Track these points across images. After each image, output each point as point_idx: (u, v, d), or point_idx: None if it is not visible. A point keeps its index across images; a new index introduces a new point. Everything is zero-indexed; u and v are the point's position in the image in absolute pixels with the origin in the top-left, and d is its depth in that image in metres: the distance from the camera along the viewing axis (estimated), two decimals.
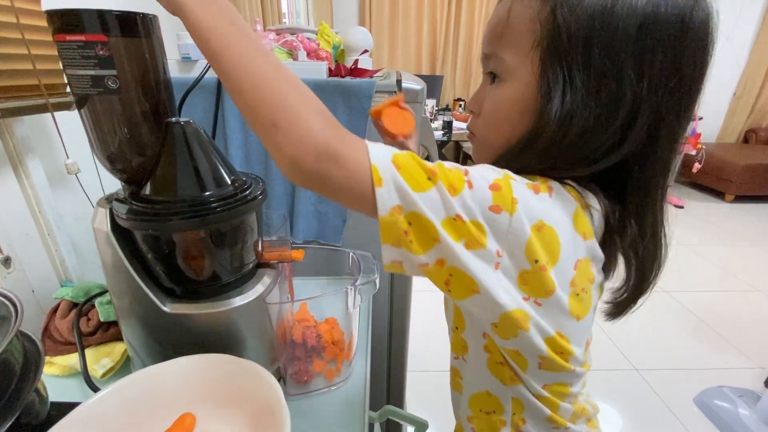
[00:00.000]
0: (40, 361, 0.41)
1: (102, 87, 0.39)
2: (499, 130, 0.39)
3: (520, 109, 0.36)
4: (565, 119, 0.33)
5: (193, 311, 0.47)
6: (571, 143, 0.34)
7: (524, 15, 0.35)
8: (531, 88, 0.35)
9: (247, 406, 0.42)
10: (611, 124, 0.33)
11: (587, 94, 0.33)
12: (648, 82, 0.33)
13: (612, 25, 0.32)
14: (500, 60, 0.37)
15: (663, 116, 0.34)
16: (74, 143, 0.72)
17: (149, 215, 0.42)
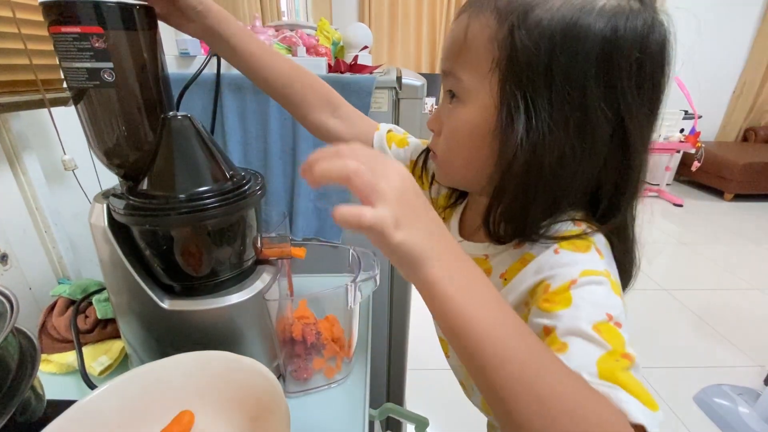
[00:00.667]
0: (36, 358, 0.40)
1: (98, 80, 0.39)
2: (459, 152, 0.38)
3: (479, 133, 0.36)
4: (535, 147, 0.32)
5: (192, 308, 0.46)
6: (554, 173, 0.33)
7: (482, 35, 0.34)
8: (490, 111, 0.34)
9: (247, 404, 0.41)
10: (590, 151, 0.33)
11: (554, 122, 0.32)
12: (613, 102, 0.32)
13: (572, 48, 0.31)
14: (458, 79, 0.36)
15: (630, 135, 0.33)
16: (71, 139, 0.71)
17: (147, 210, 0.41)
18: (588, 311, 0.30)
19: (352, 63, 0.82)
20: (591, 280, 0.32)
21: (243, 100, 0.77)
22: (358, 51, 0.89)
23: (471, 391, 0.54)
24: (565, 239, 0.35)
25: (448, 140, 0.39)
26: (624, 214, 0.37)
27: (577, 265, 0.33)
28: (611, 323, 0.29)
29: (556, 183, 0.34)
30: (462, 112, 0.36)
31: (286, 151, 0.80)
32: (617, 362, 0.27)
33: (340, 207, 0.25)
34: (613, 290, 0.32)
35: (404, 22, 3.52)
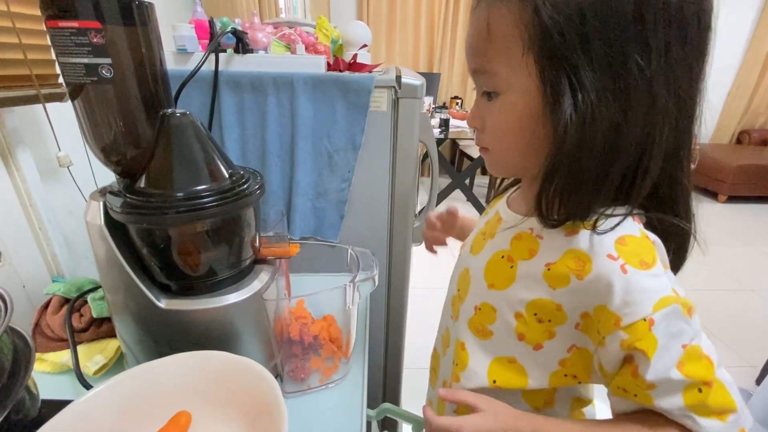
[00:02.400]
0: (30, 358, 0.40)
1: (96, 76, 0.38)
2: (511, 142, 0.38)
3: (528, 118, 0.35)
4: (584, 120, 0.31)
5: (189, 307, 0.46)
6: (606, 144, 0.32)
7: (505, 23, 0.33)
8: (532, 94, 0.34)
9: (245, 404, 0.41)
10: (640, 116, 0.31)
11: (600, 91, 0.31)
12: (657, 59, 0.31)
13: (605, 9, 0.29)
14: (492, 74, 0.36)
15: (679, 93, 0.32)
16: (66, 135, 0.70)
17: (144, 209, 0.41)
18: (670, 353, 0.33)
19: (352, 62, 0.82)
20: (666, 314, 0.33)
21: (241, 98, 0.76)
22: (357, 50, 0.88)
23: None
24: (624, 244, 0.34)
25: (496, 132, 0.38)
26: (680, 185, 0.37)
27: (649, 296, 0.33)
28: (690, 347, 0.33)
29: (608, 155, 0.32)
30: (505, 103, 0.36)
31: (284, 149, 0.80)
32: (700, 393, 0.33)
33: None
34: (683, 312, 0.33)
35: (402, 20, 3.51)
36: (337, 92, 0.75)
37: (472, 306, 0.45)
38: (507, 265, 0.42)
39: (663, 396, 0.34)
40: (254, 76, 0.74)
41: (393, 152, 0.81)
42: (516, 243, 0.42)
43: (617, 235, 0.35)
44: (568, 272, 0.36)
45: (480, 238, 0.49)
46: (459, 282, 0.50)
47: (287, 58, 0.78)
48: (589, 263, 0.35)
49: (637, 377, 0.34)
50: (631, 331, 0.33)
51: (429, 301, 2.00)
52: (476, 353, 0.44)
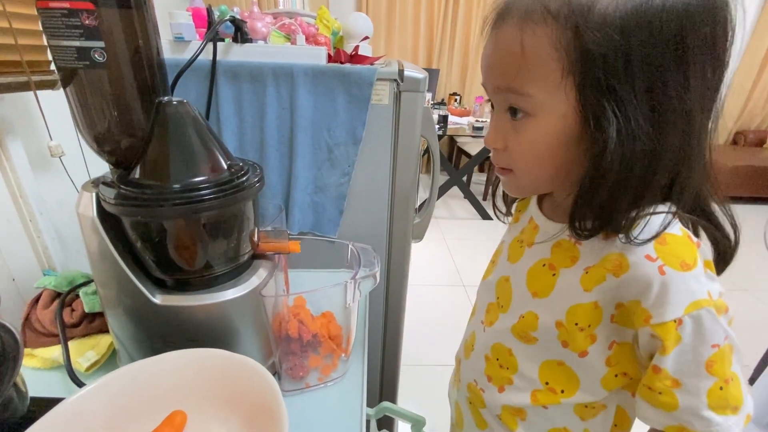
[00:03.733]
0: (18, 355, 0.38)
1: (88, 60, 0.36)
2: (542, 164, 0.37)
3: (562, 142, 0.34)
4: (625, 145, 0.31)
5: (185, 303, 0.44)
6: (645, 168, 0.32)
7: (542, 45, 0.32)
8: (570, 118, 0.33)
9: (242, 404, 0.40)
10: (675, 139, 0.32)
11: (642, 117, 0.31)
12: (696, 84, 0.31)
13: (648, 35, 0.29)
14: (525, 95, 0.34)
15: (709, 111, 0.33)
16: (58, 124, 0.68)
17: (139, 201, 0.39)
18: (699, 353, 0.34)
19: (353, 53, 0.80)
20: (696, 316, 0.33)
21: (239, 89, 0.74)
22: (359, 41, 0.86)
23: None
24: (664, 244, 0.34)
25: (525, 154, 0.37)
26: (707, 198, 0.37)
27: (683, 298, 0.33)
28: (720, 348, 0.34)
29: (646, 177, 0.33)
30: (537, 125, 0.35)
31: (283, 142, 0.78)
32: (721, 390, 0.34)
33: None
34: (717, 315, 0.33)
35: (402, 13, 3.48)
36: (338, 84, 0.73)
37: (516, 314, 0.45)
38: (549, 273, 0.42)
39: (687, 395, 0.34)
40: (253, 67, 0.73)
41: (394, 147, 0.80)
42: (557, 251, 0.42)
43: (653, 229, 0.34)
44: (605, 272, 0.36)
45: (517, 245, 0.48)
46: (498, 289, 0.49)
47: (287, 49, 0.76)
48: (626, 262, 0.35)
49: (660, 372, 0.35)
50: (659, 330, 0.34)
51: (426, 298, 2.00)
52: (525, 358, 0.45)
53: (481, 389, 0.50)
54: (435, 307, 1.95)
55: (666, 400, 0.35)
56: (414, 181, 0.84)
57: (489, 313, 0.50)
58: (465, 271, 2.30)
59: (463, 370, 0.55)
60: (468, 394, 0.54)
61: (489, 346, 0.49)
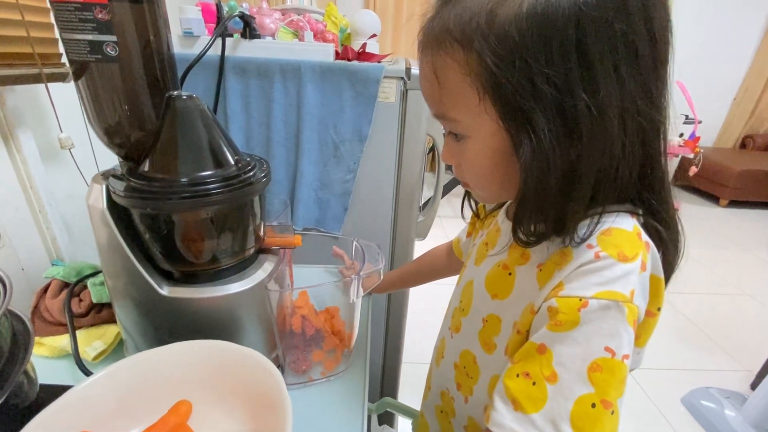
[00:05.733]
0: (29, 342, 0.39)
1: (100, 54, 0.37)
2: (490, 178, 0.37)
3: (500, 156, 0.34)
4: (545, 158, 0.31)
5: (191, 295, 0.45)
6: (566, 179, 0.32)
7: (453, 71, 0.32)
8: (498, 137, 0.33)
9: (247, 395, 0.40)
10: (593, 148, 0.31)
11: (554, 131, 0.30)
12: (606, 87, 0.29)
13: (546, 49, 0.28)
14: (454, 121, 0.35)
15: (637, 111, 0.31)
16: (68, 117, 0.69)
17: (148, 193, 0.40)
18: (590, 345, 0.31)
19: (360, 51, 0.80)
20: (606, 306, 0.31)
21: (247, 84, 0.75)
22: (366, 39, 0.86)
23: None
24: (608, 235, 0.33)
25: (472, 172, 0.38)
26: (662, 199, 0.36)
27: (600, 282, 0.31)
28: (610, 357, 0.31)
29: (569, 186, 0.32)
30: (473, 145, 0.35)
31: (289, 138, 0.79)
32: (592, 408, 0.30)
33: None
34: (627, 318, 0.31)
35: (409, 14, 3.46)
36: (345, 81, 0.74)
37: (479, 318, 0.44)
38: (505, 274, 0.41)
39: (557, 394, 0.31)
40: (261, 63, 0.73)
41: (400, 145, 0.80)
42: (512, 251, 0.42)
43: (604, 227, 0.34)
44: (554, 268, 0.35)
45: (483, 248, 0.48)
46: (462, 294, 0.49)
47: (295, 45, 0.76)
48: (571, 254, 0.34)
49: (545, 353, 0.32)
50: (563, 304, 0.32)
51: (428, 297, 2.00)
52: (485, 368, 0.44)
53: (452, 398, 0.49)
54: (437, 305, 1.95)
55: (536, 395, 0.32)
56: (419, 179, 0.84)
57: (454, 318, 0.50)
58: None
59: (434, 377, 0.54)
60: (440, 402, 0.52)
61: (458, 353, 0.47)
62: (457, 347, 0.48)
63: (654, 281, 0.34)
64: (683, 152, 3.22)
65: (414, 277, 0.74)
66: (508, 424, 0.32)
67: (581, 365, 0.31)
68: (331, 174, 0.82)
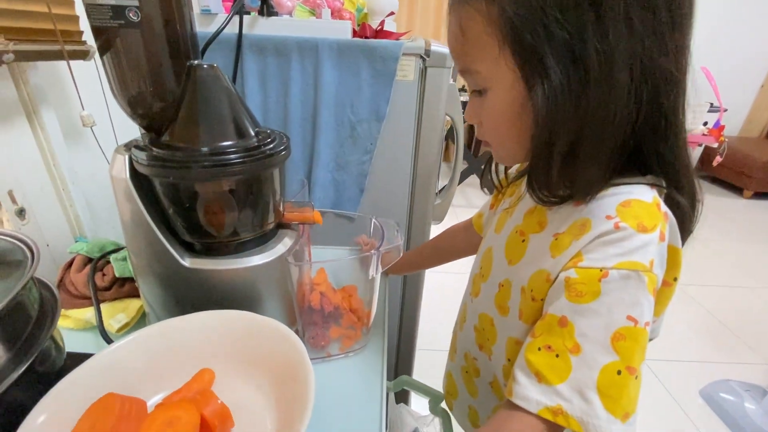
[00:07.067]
0: (56, 309, 0.40)
1: (123, 19, 0.36)
2: (506, 133, 0.38)
3: (518, 109, 0.35)
4: (550, 107, 0.32)
5: (213, 267, 0.45)
6: (584, 126, 0.32)
7: (476, 23, 0.34)
8: (515, 85, 0.34)
9: (270, 364, 0.40)
10: (600, 96, 0.31)
11: (565, 76, 0.31)
12: (615, 32, 0.30)
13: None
14: (476, 73, 0.36)
15: (647, 65, 0.31)
16: (89, 96, 0.69)
17: (169, 162, 0.40)
18: (612, 315, 0.31)
19: (378, 29, 0.78)
20: (626, 276, 0.31)
21: (264, 63, 0.74)
22: (384, 17, 0.85)
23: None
24: (627, 207, 0.33)
25: (494, 127, 0.39)
26: (678, 154, 0.35)
27: (621, 252, 0.32)
28: (632, 326, 0.31)
29: (590, 137, 0.32)
30: (494, 99, 0.36)
31: (306, 118, 0.78)
32: (618, 376, 0.31)
33: None
34: (647, 287, 0.31)
35: None
36: (362, 59, 0.72)
37: (496, 283, 0.45)
38: (519, 240, 0.42)
39: (581, 364, 0.31)
40: (278, 41, 0.72)
41: (418, 124, 0.79)
42: (528, 217, 0.43)
43: (623, 198, 0.34)
44: (571, 238, 0.36)
45: (504, 216, 0.49)
46: (482, 260, 0.51)
47: (312, 23, 0.75)
48: (589, 225, 0.34)
49: (566, 326, 0.32)
50: (582, 274, 0.32)
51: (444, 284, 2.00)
52: (501, 330, 0.45)
53: (475, 358, 0.52)
54: (451, 294, 1.94)
55: (560, 366, 0.32)
56: (437, 160, 0.83)
57: (474, 284, 0.52)
58: None
59: (459, 340, 0.57)
60: (464, 363, 0.55)
61: (476, 316, 0.50)
62: (476, 311, 0.50)
63: (672, 251, 0.35)
64: (707, 141, 3.11)
65: (433, 256, 0.74)
66: (533, 396, 0.33)
67: (604, 335, 0.31)
68: (348, 155, 0.81)
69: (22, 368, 0.34)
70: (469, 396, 0.55)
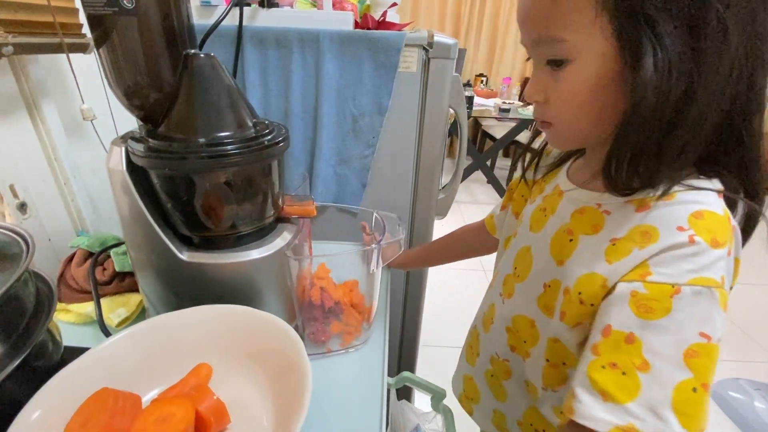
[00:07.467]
0: (52, 302, 0.39)
1: (117, 6, 0.36)
2: (583, 110, 0.35)
3: (604, 82, 0.32)
4: (663, 79, 0.29)
5: (211, 261, 0.44)
6: (686, 106, 0.30)
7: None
8: (607, 57, 0.31)
9: (267, 359, 0.40)
10: (720, 74, 0.29)
11: (681, 45, 0.28)
12: (735, 23, 0.28)
13: None
14: (558, 42, 0.33)
15: (763, 38, 0.29)
16: (88, 90, 0.69)
17: (166, 153, 0.39)
18: (684, 332, 0.30)
19: (381, 19, 0.77)
20: (698, 292, 0.30)
21: (265, 55, 0.73)
22: (387, 8, 0.83)
23: None
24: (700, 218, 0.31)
25: (566, 103, 0.36)
26: (755, 165, 0.34)
27: (694, 269, 0.30)
28: (705, 342, 0.30)
29: (687, 119, 0.30)
30: (577, 71, 0.33)
31: (307, 111, 0.77)
32: (693, 393, 0.30)
33: None
34: (720, 303, 0.30)
35: None
36: (364, 50, 0.71)
37: (540, 284, 0.43)
38: (566, 239, 0.40)
39: (652, 382, 0.30)
40: (279, 32, 0.71)
41: (421, 117, 0.77)
42: (578, 217, 0.40)
43: (695, 208, 0.32)
44: (632, 246, 0.34)
45: (540, 214, 0.47)
46: (516, 260, 0.48)
47: (314, 14, 0.74)
48: (656, 234, 0.32)
49: (633, 343, 0.31)
50: (652, 290, 0.31)
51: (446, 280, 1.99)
52: (542, 332, 0.43)
53: (505, 360, 0.50)
54: (455, 290, 1.93)
55: (627, 384, 0.31)
56: (440, 154, 0.82)
57: (506, 284, 0.50)
58: (485, 255, 2.26)
59: (483, 343, 0.55)
60: (490, 366, 0.53)
61: (509, 318, 0.48)
62: (508, 312, 0.48)
63: (735, 263, 0.34)
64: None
65: (442, 254, 0.72)
66: (599, 415, 0.31)
67: (676, 352, 0.30)
68: (350, 149, 0.80)
69: (17, 361, 0.34)
70: (494, 400, 0.53)
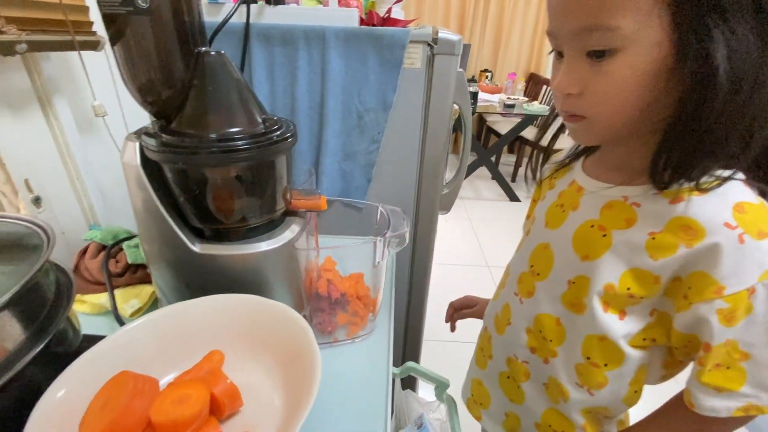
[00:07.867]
0: (71, 291, 0.41)
1: (131, 6, 0.37)
2: (625, 103, 0.34)
3: (652, 77, 0.31)
4: (738, 69, 0.28)
5: (222, 252, 0.46)
6: (752, 101, 0.29)
7: None
8: (664, 47, 0.30)
9: (277, 347, 0.41)
10: None
11: (751, 33, 0.28)
12: None
13: None
14: (608, 30, 0.31)
15: None
16: (100, 87, 0.70)
17: (178, 148, 0.40)
18: (766, 321, 0.33)
19: (386, 16, 0.78)
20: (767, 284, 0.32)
21: (271, 52, 0.74)
22: (391, 4, 0.84)
23: None
24: (743, 212, 0.33)
25: (607, 95, 0.34)
26: None
27: (758, 265, 0.32)
28: None
29: (757, 108, 0.30)
30: (626, 61, 0.32)
31: (313, 107, 0.78)
32: None
33: None
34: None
35: None
36: (369, 47, 0.72)
37: (563, 281, 0.43)
38: (599, 234, 0.40)
39: (756, 367, 0.34)
40: (285, 29, 0.72)
41: (425, 113, 0.78)
42: (607, 212, 0.40)
43: (735, 200, 0.33)
44: (677, 241, 0.35)
45: (557, 210, 0.46)
46: (533, 258, 0.48)
47: (319, 11, 0.75)
48: (703, 231, 0.33)
49: (728, 344, 0.34)
50: (733, 301, 0.33)
51: (449, 276, 2.00)
52: (573, 328, 0.43)
53: (525, 362, 0.49)
54: (458, 285, 1.95)
55: (734, 375, 0.34)
56: (445, 149, 0.82)
57: (522, 283, 0.49)
58: (489, 251, 2.27)
59: (496, 345, 0.54)
60: (506, 368, 0.52)
61: (531, 318, 0.47)
62: (529, 312, 0.47)
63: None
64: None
65: None
66: (721, 405, 0.36)
67: (767, 337, 0.33)
68: (355, 144, 0.81)
69: (40, 347, 0.35)
70: (509, 402, 0.53)
